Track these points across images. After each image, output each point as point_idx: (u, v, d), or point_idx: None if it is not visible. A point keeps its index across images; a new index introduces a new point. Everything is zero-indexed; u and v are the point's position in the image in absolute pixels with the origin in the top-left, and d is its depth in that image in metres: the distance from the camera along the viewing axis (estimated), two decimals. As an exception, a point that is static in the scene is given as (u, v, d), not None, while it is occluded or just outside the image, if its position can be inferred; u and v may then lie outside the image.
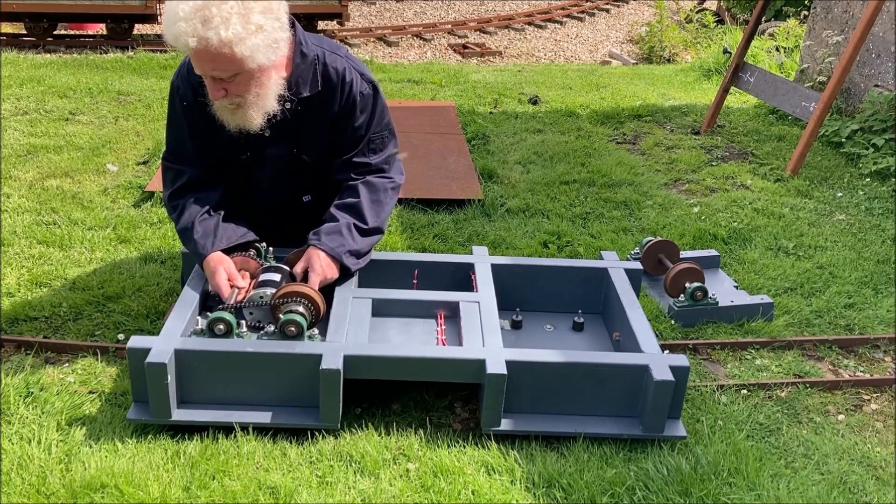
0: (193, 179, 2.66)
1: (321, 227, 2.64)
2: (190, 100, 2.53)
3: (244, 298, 2.51)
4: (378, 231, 2.70)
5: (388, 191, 2.71)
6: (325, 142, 2.66)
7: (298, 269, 2.60)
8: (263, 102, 2.42)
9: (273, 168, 2.68)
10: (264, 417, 2.34)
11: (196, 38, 2.20)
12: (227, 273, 2.54)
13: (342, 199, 2.68)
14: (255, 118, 2.44)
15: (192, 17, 2.19)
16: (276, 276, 2.57)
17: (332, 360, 2.27)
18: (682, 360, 2.38)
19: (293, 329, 2.38)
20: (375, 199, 2.67)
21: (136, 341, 2.30)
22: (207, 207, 2.63)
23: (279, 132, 2.56)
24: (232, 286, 2.52)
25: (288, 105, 2.49)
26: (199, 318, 2.45)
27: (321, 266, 2.56)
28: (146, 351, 2.25)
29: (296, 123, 2.57)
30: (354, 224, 2.63)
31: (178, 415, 2.32)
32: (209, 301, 2.60)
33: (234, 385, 2.35)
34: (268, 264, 2.66)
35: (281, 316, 2.42)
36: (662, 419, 2.36)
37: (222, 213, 2.65)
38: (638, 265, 2.96)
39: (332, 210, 2.67)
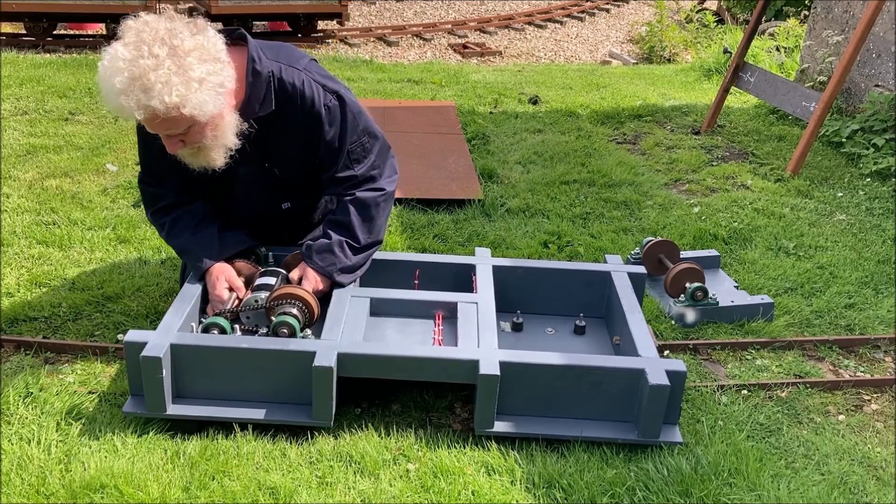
0: (174, 200, 2.63)
1: (315, 242, 2.63)
2: None
3: (240, 304, 2.51)
4: (374, 244, 2.70)
5: (378, 205, 2.66)
6: (296, 155, 2.61)
7: (295, 275, 2.61)
8: (222, 141, 2.36)
9: (247, 184, 2.64)
10: (258, 414, 2.34)
11: (141, 109, 2.13)
12: (228, 282, 2.54)
13: (334, 216, 2.67)
14: (217, 158, 2.39)
15: (132, 90, 2.11)
16: (272, 280, 2.58)
17: (326, 358, 2.27)
18: (678, 364, 2.36)
19: (285, 331, 2.39)
20: (366, 217, 2.63)
21: (133, 335, 2.31)
22: (198, 219, 2.61)
23: (247, 151, 2.48)
24: (231, 290, 2.53)
25: (246, 126, 2.42)
26: (192, 324, 2.46)
27: (315, 279, 2.60)
28: (142, 345, 2.26)
29: (263, 140, 2.50)
30: (347, 243, 2.62)
31: (173, 409, 2.33)
32: (208, 303, 2.60)
33: (229, 381, 2.35)
34: (265, 268, 2.66)
35: (273, 318, 2.42)
36: (658, 424, 2.35)
37: (216, 222, 2.63)
38: (641, 269, 2.93)
39: (325, 226, 2.67)
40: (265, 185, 2.67)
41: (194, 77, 2.17)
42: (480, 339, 2.45)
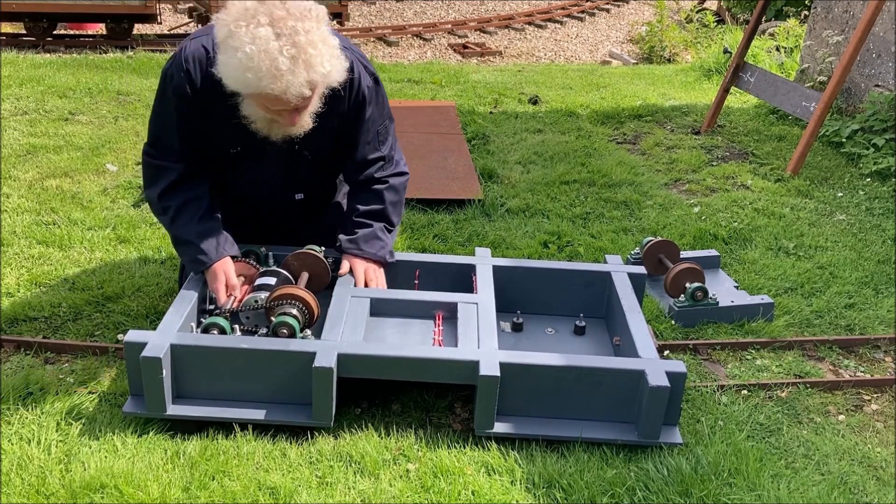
0: (181, 177, 2.56)
1: (358, 234, 2.69)
2: (183, 91, 2.40)
3: (240, 303, 2.51)
4: (398, 225, 2.83)
5: (405, 188, 2.81)
6: (329, 137, 2.61)
7: (344, 268, 2.69)
8: (316, 106, 2.39)
9: (270, 162, 2.61)
10: (258, 414, 2.34)
11: (306, 84, 2.17)
12: (226, 277, 2.53)
13: (366, 206, 2.72)
14: (308, 122, 2.40)
15: (297, 68, 2.13)
16: (272, 280, 2.58)
17: (326, 358, 2.27)
18: (679, 366, 2.35)
19: (285, 331, 2.39)
20: (397, 201, 2.76)
21: (133, 335, 2.31)
22: (204, 209, 2.58)
23: None
24: (230, 294, 2.52)
25: None
26: (192, 324, 2.46)
27: (368, 268, 2.69)
28: (142, 345, 2.26)
29: None
30: (385, 227, 2.74)
31: (173, 409, 2.33)
32: (208, 304, 2.60)
33: (229, 381, 2.35)
34: (265, 269, 2.66)
35: (273, 318, 2.42)
36: (658, 425, 2.34)
37: (219, 217, 2.62)
38: (641, 269, 2.93)
39: (360, 217, 2.72)
40: (287, 166, 2.66)
41: (333, 44, 2.25)
42: (480, 340, 2.45)
